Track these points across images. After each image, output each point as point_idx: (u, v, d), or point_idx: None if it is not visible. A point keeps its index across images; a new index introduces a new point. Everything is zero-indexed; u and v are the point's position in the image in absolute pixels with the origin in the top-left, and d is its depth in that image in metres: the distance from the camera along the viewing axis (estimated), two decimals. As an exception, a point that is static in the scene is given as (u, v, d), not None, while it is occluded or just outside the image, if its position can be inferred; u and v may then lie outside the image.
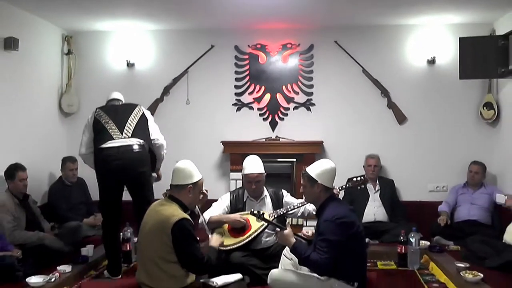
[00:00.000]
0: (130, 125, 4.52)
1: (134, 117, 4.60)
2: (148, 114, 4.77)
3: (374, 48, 6.36)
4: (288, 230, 3.60)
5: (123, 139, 4.41)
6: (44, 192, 5.96)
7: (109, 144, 4.39)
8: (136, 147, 4.42)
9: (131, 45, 6.61)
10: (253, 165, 4.49)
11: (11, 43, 5.22)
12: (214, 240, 3.87)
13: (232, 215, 4.42)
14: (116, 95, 4.96)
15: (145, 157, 4.50)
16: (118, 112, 4.65)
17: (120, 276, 4.54)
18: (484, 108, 6.02)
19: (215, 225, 4.39)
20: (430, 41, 6.25)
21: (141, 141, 4.48)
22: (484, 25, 6.02)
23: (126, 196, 6.21)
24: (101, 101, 6.59)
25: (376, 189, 5.93)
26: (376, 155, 6.04)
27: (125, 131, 4.46)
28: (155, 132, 4.71)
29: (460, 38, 5.61)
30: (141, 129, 4.58)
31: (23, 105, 5.65)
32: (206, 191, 3.98)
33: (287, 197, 4.67)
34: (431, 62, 6.24)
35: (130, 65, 6.59)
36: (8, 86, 5.37)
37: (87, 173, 6.06)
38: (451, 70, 5.97)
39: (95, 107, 4.72)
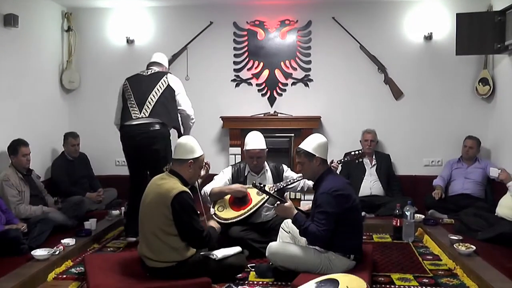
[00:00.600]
0: (150, 103, 4.63)
1: (157, 91, 4.67)
2: (175, 84, 4.80)
3: (371, 24, 6.36)
4: (288, 203, 3.67)
5: (141, 119, 4.59)
6: (47, 167, 6.04)
7: (128, 122, 4.62)
8: (152, 126, 4.58)
9: (131, 22, 6.61)
10: (255, 141, 4.52)
11: (10, 20, 5.21)
12: (213, 223, 3.97)
13: (233, 185, 4.47)
14: (155, 57, 5.07)
15: (160, 135, 4.61)
16: (142, 85, 4.74)
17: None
18: (480, 83, 6.06)
19: (216, 197, 4.44)
20: (427, 17, 6.26)
21: (158, 120, 4.60)
22: (481, 0, 6.01)
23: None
24: (102, 77, 6.68)
25: (373, 163, 6.00)
26: (372, 130, 6.09)
27: (143, 110, 4.61)
28: (182, 102, 4.81)
29: (457, 14, 5.64)
30: (163, 104, 4.66)
31: (24, 82, 5.67)
32: (209, 164, 4.05)
33: (287, 172, 4.72)
34: (428, 38, 6.25)
35: (130, 41, 6.60)
36: (9, 62, 5.38)
37: (89, 148, 6.20)
38: (448, 46, 6.00)
39: (125, 77, 4.85)
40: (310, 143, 3.74)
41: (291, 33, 6.49)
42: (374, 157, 6.05)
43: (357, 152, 4.60)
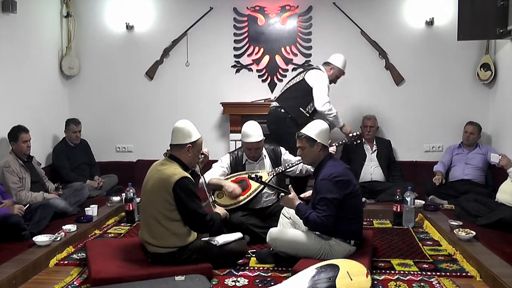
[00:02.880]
0: (283, 90, 5.58)
1: (291, 82, 5.51)
2: (312, 80, 5.33)
3: (372, 9, 6.32)
4: (292, 194, 3.68)
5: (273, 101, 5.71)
6: (47, 153, 6.03)
7: None
8: (274, 108, 5.43)
9: (130, 7, 6.55)
10: (252, 133, 4.48)
11: (9, 5, 5.15)
12: (219, 210, 4.01)
13: (230, 184, 4.41)
14: (330, 58, 5.63)
15: (275, 118, 5.37)
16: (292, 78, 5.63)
17: None
18: (481, 69, 6.05)
19: (214, 187, 4.44)
20: (429, 2, 6.22)
21: (279, 104, 5.39)
22: (483, -15, 5.97)
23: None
24: (102, 64, 6.65)
25: (373, 149, 5.98)
26: (372, 115, 6.07)
27: (279, 95, 5.61)
28: (315, 98, 5.31)
29: (459, -1, 5.60)
30: (289, 92, 5.43)
31: (24, 68, 5.64)
32: (207, 151, 4.04)
33: (286, 155, 4.72)
34: (430, 23, 6.22)
35: (129, 27, 6.55)
36: (8, 49, 5.34)
37: (90, 135, 6.22)
38: (449, 31, 5.94)
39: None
40: (312, 129, 3.75)
41: (292, 18, 6.45)
42: (374, 142, 6.03)
43: (355, 134, 4.61)
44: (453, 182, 5.67)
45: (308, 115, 5.33)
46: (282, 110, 5.32)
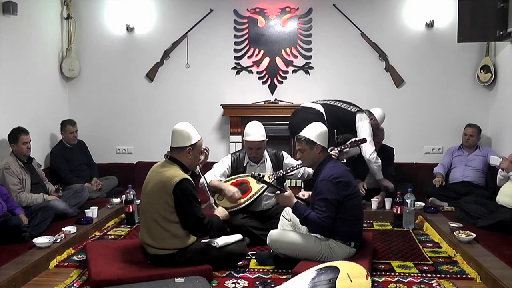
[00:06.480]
0: (331, 101, 5.65)
1: (343, 103, 5.57)
2: (362, 127, 5.30)
3: (372, 11, 6.33)
4: (288, 192, 3.67)
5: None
6: (48, 155, 6.03)
7: None
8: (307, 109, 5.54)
9: (131, 9, 6.57)
10: (255, 132, 4.47)
11: (9, 7, 5.17)
12: (220, 211, 3.97)
13: (230, 188, 4.36)
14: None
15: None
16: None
17: None
18: (481, 71, 6.05)
19: (214, 189, 4.42)
20: (429, 4, 6.23)
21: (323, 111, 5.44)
22: (483, -13, 5.97)
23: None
24: (102, 65, 6.66)
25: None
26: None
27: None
28: (367, 150, 5.25)
29: (459, 1, 5.57)
30: (336, 111, 5.46)
31: (24, 70, 5.65)
32: (208, 150, 4.03)
33: (287, 159, 4.71)
34: (430, 25, 6.23)
35: (129, 29, 6.56)
36: (9, 50, 5.35)
37: (90, 137, 6.22)
38: (449, 33, 5.96)
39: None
40: (311, 131, 3.74)
41: (292, 20, 6.46)
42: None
43: (357, 139, 4.59)
44: (453, 184, 5.66)
45: (335, 140, 5.27)
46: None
